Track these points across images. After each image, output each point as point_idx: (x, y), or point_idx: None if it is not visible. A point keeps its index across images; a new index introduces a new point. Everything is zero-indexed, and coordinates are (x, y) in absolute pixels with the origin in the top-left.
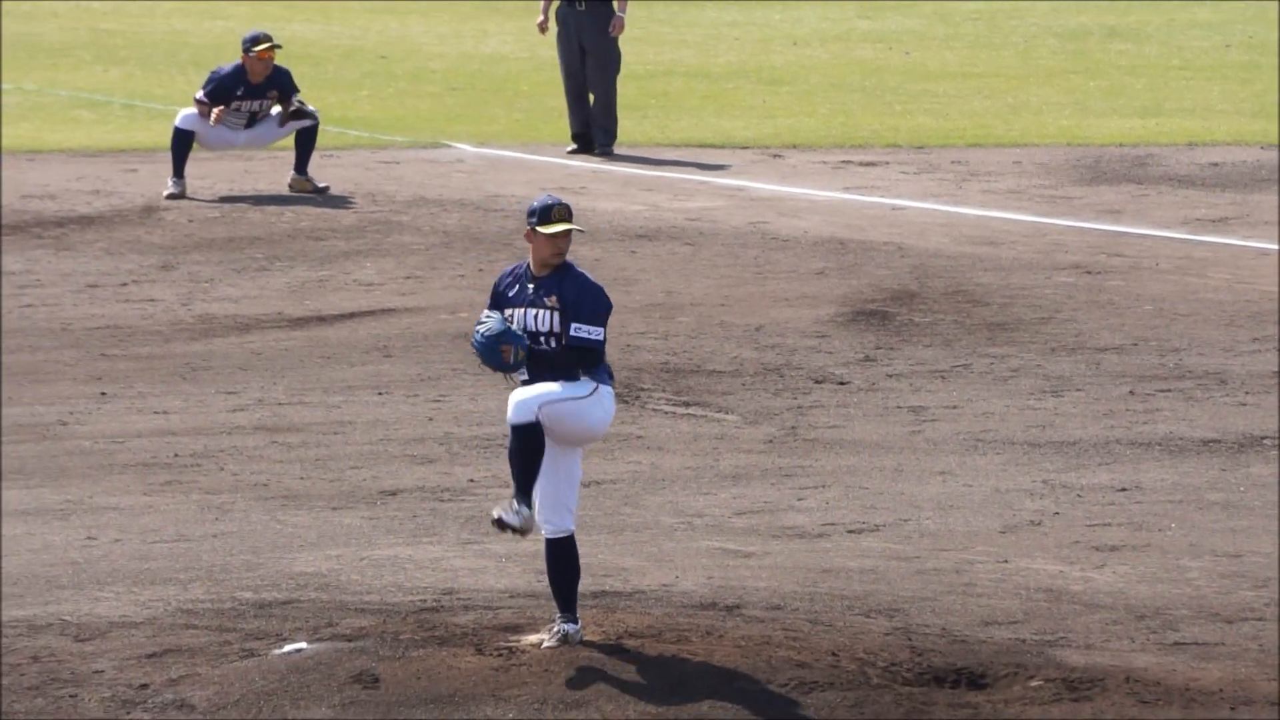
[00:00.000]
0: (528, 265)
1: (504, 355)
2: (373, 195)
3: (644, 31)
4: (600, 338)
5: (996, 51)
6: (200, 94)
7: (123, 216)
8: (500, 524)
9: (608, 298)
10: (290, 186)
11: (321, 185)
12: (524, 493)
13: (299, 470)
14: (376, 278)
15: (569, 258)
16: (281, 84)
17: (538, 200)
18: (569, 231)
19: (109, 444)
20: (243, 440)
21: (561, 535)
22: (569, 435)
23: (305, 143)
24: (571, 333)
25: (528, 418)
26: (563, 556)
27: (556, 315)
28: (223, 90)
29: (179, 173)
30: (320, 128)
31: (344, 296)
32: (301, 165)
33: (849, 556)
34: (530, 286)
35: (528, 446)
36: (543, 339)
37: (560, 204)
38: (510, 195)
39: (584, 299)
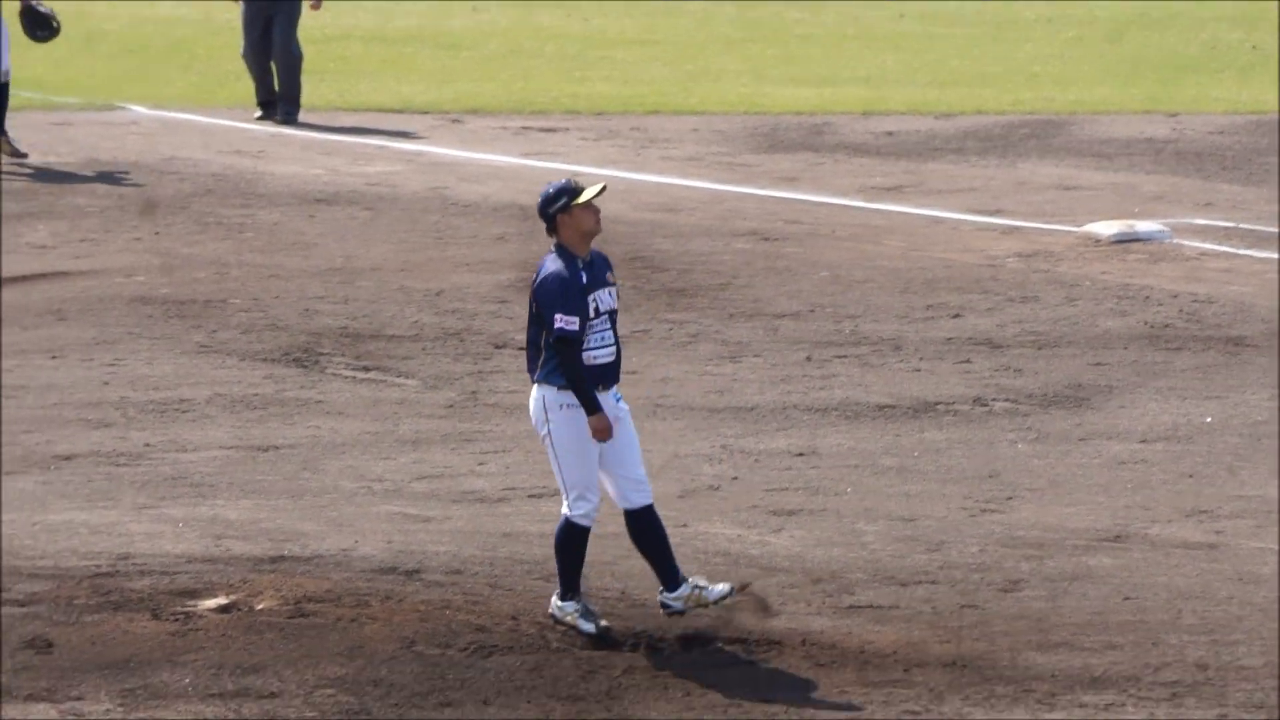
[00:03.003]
0: (567, 251)
1: None
2: (46, 157)
3: None
4: None
5: (675, 19)
6: None
7: None
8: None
9: None
10: None
11: (23, 151)
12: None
13: None
14: (50, 240)
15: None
16: None
17: (550, 187)
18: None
19: None
20: None
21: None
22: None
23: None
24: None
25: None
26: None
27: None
28: None
29: None
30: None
31: (16, 259)
32: None
33: (529, 521)
34: (589, 268)
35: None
36: (610, 316)
37: (570, 178)
38: (185, 158)
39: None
